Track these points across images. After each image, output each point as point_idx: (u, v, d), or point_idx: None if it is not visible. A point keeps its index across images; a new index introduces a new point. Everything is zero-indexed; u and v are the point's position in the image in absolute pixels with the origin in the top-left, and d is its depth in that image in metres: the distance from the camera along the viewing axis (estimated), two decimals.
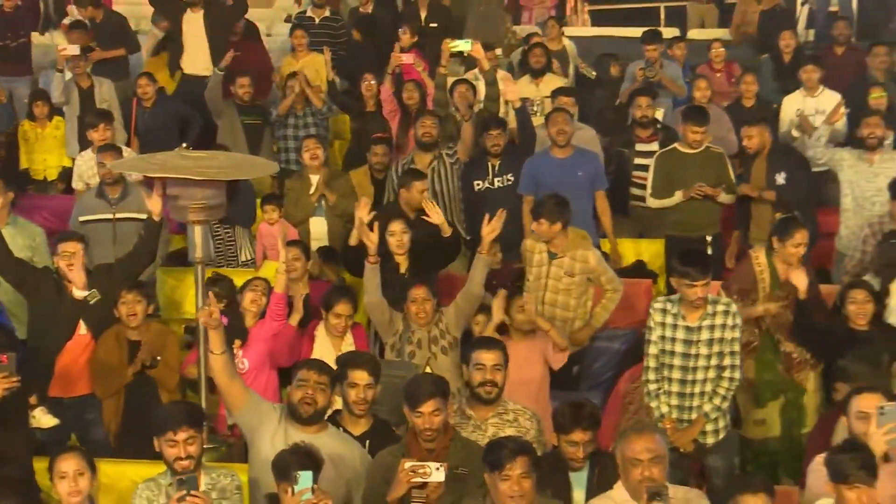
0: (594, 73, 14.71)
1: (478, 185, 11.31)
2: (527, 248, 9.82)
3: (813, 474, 7.04)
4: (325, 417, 7.24)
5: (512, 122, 12.23)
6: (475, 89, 12.52)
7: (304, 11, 16.35)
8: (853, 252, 10.39)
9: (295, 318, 9.10)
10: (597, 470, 7.01)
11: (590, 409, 7.19)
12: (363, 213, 9.29)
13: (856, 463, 6.35)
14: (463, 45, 12.24)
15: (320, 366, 7.27)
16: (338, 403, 7.44)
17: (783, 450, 8.85)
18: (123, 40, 15.42)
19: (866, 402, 6.91)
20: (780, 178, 10.96)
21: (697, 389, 8.34)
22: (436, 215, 9.48)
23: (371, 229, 9.10)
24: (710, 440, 8.37)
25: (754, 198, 11.03)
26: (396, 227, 9.57)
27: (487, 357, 7.50)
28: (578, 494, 6.99)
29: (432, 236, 9.75)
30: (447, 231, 9.64)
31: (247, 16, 15.59)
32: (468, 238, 11.03)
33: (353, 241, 9.70)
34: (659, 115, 12.68)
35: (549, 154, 11.20)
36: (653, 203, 11.28)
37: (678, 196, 10.97)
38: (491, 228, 8.92)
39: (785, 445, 8.87)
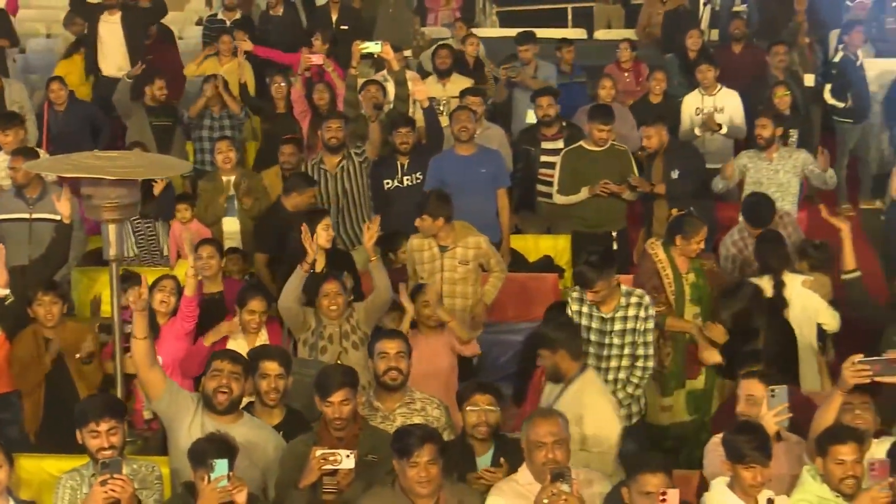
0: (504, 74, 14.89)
1: (387, 183, 11.42)
2: (414, 247, 9.94)
3: (710, 454, 7.31)
4: (241, 407, 7.39)
5: (420, 122, 12.35)
6: (385, 90, 12.63)
7: (216, 14, 16.41)
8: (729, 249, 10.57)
9: (209, 339, 9.07)
10: (500, 454, 7.16)
11: (490, 383, 7.47)
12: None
13: (752, 444, 6.62)
14: (373, 47, 12.33)
15: (233, 356, 7.43)
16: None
17: (692, 435, 9.02)
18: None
19: (755, 386, 7.22)
20: (674, 174, 11.21)
21: (611, 377, 8.52)
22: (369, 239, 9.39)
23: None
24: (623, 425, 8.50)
25: (654, 195, 11.25)
26: (323, 226, 9.63)
27: (390, 346, 7.68)
28: None
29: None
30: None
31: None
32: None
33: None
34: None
35: (453, 152, 11.35)
36: (559, 200, 11.44)
37: (584, 193, 11.15)
38: (370, 235, 9.09)
39: (692, 431, 9.05)
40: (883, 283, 10.87)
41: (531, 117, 12.40)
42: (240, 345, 8.88)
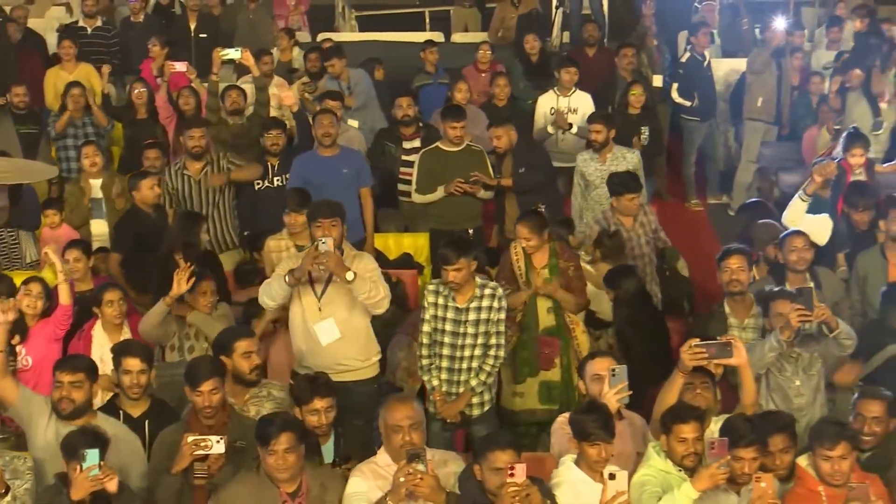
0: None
1: (258, 184, 11.62)
2: (271, 248, 10.18)
3: (556, 433, 7.67)
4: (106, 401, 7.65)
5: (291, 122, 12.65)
6: (246, 94, 12.80)
7: (76, 21, 16.30)
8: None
9: None
10: (341, 441, 7.54)
11: (324, 380, 7.68)
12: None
13: (597, 422, 6.96)
14: (233, 54, 12.53)
15: (73, 365, 7.54)
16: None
17: (545, 423, 9.07)
18: None
19: (600, 366, 7.56)
20: (521, 171, 11.54)
21: (465, 365, 8.75)
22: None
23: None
24: (476, 412, 8.81)
25: (504, 192, 11.58)
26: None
27: (244, 345, 7.98)
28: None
29: None
30: None
31: (26, 25, 15.61)
32: (245, 234, 11.48)
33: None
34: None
35: (316, 153, 11.47)
36: (417, 198, 11.70)
37: (440, 192, 11.41)
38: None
39: (546, 419, 9.09)
40: None
41: None
42: (103, 345, 8.99)
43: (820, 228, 10.37)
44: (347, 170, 11.40)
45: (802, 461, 7.35)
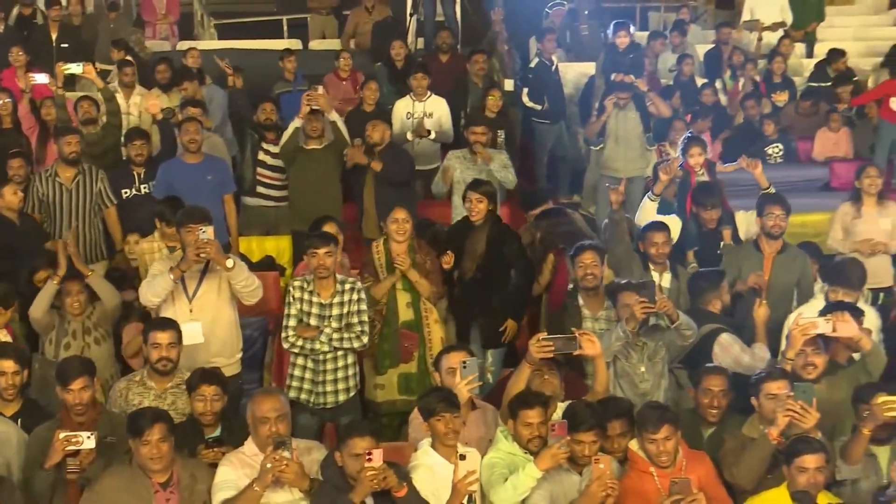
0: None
1: (125, 192, 11.70)
2: (144, 250, 10.33)
3: (413, 422, 8.01)
4: None
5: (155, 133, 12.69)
6: (98, 104, 12.77)
7: None
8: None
9: None
10: (227, 433, 7.75)
11: (214, 371, 8.01)
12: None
13: (439, 397, 7.34)
14: (75, 69, 12.47)
15: None
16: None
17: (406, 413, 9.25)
18: None
19: (454, 359, 7.87)
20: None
21: (330, 356, 8.97)
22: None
23: None
24: (342, 398, 9.04)
25: (366, 191, 11.82)
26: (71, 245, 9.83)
27: (162, 337, 8.19)
28: None
29: None
30: None
31: None
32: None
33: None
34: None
35: (181, 160, 11.65)
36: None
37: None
38: (62, 246, 9.60)
39: (405, 410, 9.23)
40: None
41: None
42: None
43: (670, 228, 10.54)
44: (211, 177, 11.59)
45: (633, 445, 7.56)
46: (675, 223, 10.81)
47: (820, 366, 8.15)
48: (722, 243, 10.78)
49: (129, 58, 14.75)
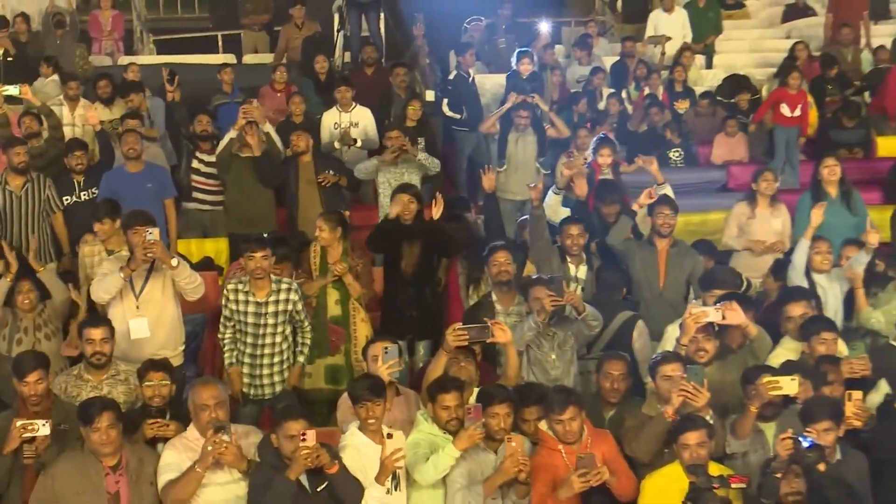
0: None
1: (67, 199, 11.73)
2: (85, 253, 10.33)
3: (341, 406, 8.17)
4: None
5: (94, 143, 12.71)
6: (41, 119, 12.74)
7: None
8: None
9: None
10: (174, 417, 7.86)
11: (163, 360, 8.12)
12: None
13: (365, 386, 7.46)
14: (12, 90, 12.49)
15: None
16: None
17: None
18: None
19: (377, 348, 7.97)
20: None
21: (267, 351, 9.23)
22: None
23: None
24: (279, 388, 9.30)
25: (300, 196, 11.98)
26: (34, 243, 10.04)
27: (95, 333, 8.30)
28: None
29: None
30: None
31: None
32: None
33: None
34: None
35: (124, 169, 11.72)
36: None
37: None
38: (6, 246, 9.77)
39: (330, 399, 9.35)
40: None
41: None
42: None
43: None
44: (151, 184, 11.66)
45: (543, 425, 7.66)
46: None
47: (711, 350, 8.36)
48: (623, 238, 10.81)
49: (56, 76, 14.80)
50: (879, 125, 16.16)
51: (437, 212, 10.38)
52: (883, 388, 8.61)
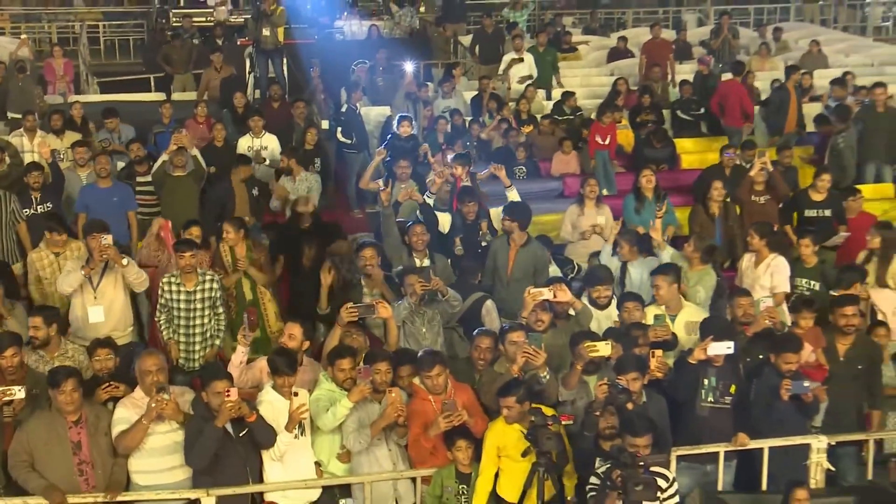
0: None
1: (26, 212, 11.61)
2: (34, 259, 10.23)
3: (261, 369, 8.25)
4: None
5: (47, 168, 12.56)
6: (4, 149, 12.63)
7: None
8: None
9: None
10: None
11: (108, 339, 8.23)
12: None
13: (283, 361, 7.58)
14: None
15: None
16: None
17: None
18: None
19: (290, 327, 8.16)
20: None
21: (198, 330, 9.30)
22: None
23: None
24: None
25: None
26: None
27: (35, 321, 8.37)
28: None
29: None
30: None
31: None
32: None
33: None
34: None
35: (96, 186, 11.85)
36: None
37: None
38: None
39: None
40: None
41: None
42: None
43: (444, 221, 10.89)
44: (117, 198, 11.74)
45: (416, 381, 7.87)
46: (446, 218, 10.96)
47: (546, 321, 8.63)
48: (480, 232, 10.98)
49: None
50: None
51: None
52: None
